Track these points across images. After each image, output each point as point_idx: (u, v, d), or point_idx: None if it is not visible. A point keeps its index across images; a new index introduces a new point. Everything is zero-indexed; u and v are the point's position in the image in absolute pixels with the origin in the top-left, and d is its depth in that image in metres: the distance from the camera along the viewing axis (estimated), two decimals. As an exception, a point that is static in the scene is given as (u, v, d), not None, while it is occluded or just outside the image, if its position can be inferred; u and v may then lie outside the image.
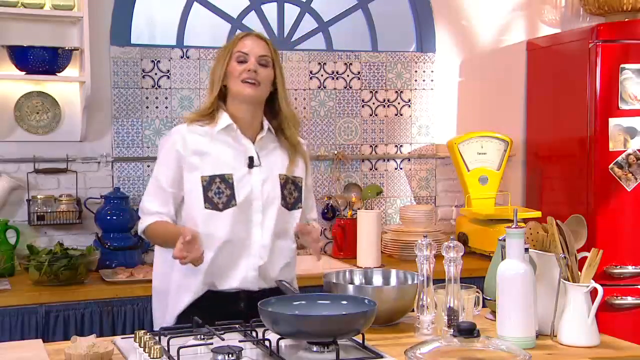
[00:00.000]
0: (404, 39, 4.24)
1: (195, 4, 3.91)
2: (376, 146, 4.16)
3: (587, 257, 2.20)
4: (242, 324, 2.19)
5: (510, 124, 4.30)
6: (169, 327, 2.27)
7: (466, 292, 2.26)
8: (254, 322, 2.14)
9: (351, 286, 2.40)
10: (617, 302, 3.75)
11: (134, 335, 2.05)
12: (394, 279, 2.54)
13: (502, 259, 2.19)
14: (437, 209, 4.23)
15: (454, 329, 1.86)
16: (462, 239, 3.93)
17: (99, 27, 3.64)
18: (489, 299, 2.37)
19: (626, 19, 3.96)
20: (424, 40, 4.22)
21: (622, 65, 3.76)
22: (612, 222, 3.78)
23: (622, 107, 3.77)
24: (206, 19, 3.94)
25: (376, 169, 4.16)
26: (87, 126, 3.62)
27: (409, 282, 2.48)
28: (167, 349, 1.95)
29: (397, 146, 4.19)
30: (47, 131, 3.62)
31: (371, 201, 4.09)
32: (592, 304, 2.16)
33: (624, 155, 3.78)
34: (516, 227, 2.15)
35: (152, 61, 3.78)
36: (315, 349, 1.99)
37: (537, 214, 3.78)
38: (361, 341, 2.05)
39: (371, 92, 4.14)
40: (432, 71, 4.22)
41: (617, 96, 3.77)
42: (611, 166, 3.77)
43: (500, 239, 2.29)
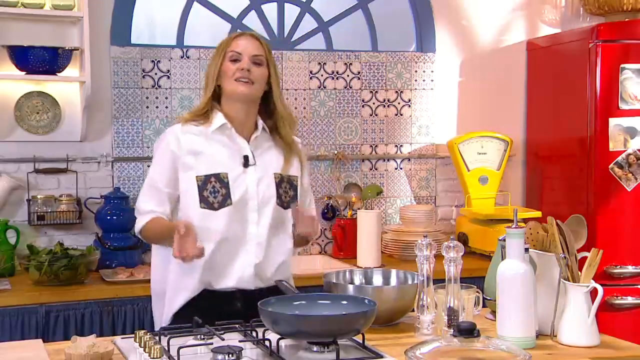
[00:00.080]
0: (404, 39, 4.24)
1: (195, 3, 3.91)
2: (376, 146, 4.16)
3: (587, 257, 2.20)
4: (242, 324, 2.18)
5: (510, 124, 4.30)
6: (169, 327, 2.27)
7: (466, 292, 2.26)
8: (254, 322, 2.14)
9: (351, 286, 2.40)
10: (617, 302, 3.75)
11: (134, 335, 2.05)
12: (394, 279, 2.54)
13: (502, 259, 2.19)
14: (437, 209, 4.23)
15: (454, 329, 1.86)
16: (462, 239, 3.93)
17: (99, 27, 3.64)
18: (489, 299, 2.37)
19: (626, 19, 3.96)
20: (424, 40, 4.22)
21: (622, 65, 3.76)
22: (612, 222, 3.78)
23: (622, 107, 3.77)
24: (206, 19, 3.94)
25: (376, 169, 4.16)
26: (87, 126, 3.62)
27: (409, 282, 2.48)
28: (167, 349, 1.95)
29: (397, 146, 4.19)
30: (47, 131, 3.62)
31: (371, 201, 4.08)
32: (592, 304, 2.16)
33: (624, 155, 3.77)
34: (516, 227, 2.15)
35: (152, 61, 3.78)
36: (315, 349, 1.99)
37: (537, 214, 3.78)
38: (361, 341, 2.05)
39: (371, 92, 4.14)
40: (432, 71, 4.22)
41: (617, 96, 3.77)
42: (611, 166, 3.77)
43: (500, 239, 2.29)
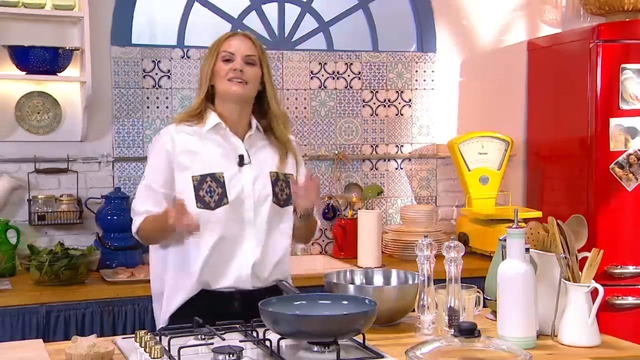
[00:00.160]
0: (404, 39, 4.24)
1: (195, 4, 3.91)
2: (377, 146, 4.16)
3: (587, 257, 2.20)
4: (242, 324, 2.18)
5: (510, 124, 4.30)
6: (169, 327, 2.27)
7: (467, 292, 2.26)
8: (254, 322, 2.14)
9: (352, 286, 2.40)
10: (618, 302, 3.75)
11: (134, 335, 2.05)
12: (395, 279, 2.54)
13: (503, 259, 2.19)
14: (437, 209, 4.23)
15: (455, 329, 1.86)
16: (463, 239, 3.93)
17: (100, 27, 3.64)
18: (489, 299, 2.37)
19: (627, 19, 3.95)
20: (425, 40, 4.22)
21: (623, 65, 3.76)
22: (613, 222, 3.77)
23: (623, 107, 3.77)
24: (207, 19, 3.94)
25: (377, 169, 4.16)
26: (87, 126, 3.62)
27: (410, 282, 2.48)
28: (167, 349, 1.95)
29: (397, 146, 4.19)
30: (48, 131, 3.62)
31: (372, 201, 4.08)
32: (593, 304, 2.15)
33: (624, 155, 3.77)
34: (517, 227, 2.14)
35: (153, 61, 3.78)
36: (315, 349, 1.99)
37: (538, 214, 3.78)
38: (362, 341, 2.05)
39: (372, 92, 4.14)
40: (433, 71, 4.22)
41: (618, 96, 3.77)
42: (612, 166, 3.77)
43: (500, 239, 2.29)
